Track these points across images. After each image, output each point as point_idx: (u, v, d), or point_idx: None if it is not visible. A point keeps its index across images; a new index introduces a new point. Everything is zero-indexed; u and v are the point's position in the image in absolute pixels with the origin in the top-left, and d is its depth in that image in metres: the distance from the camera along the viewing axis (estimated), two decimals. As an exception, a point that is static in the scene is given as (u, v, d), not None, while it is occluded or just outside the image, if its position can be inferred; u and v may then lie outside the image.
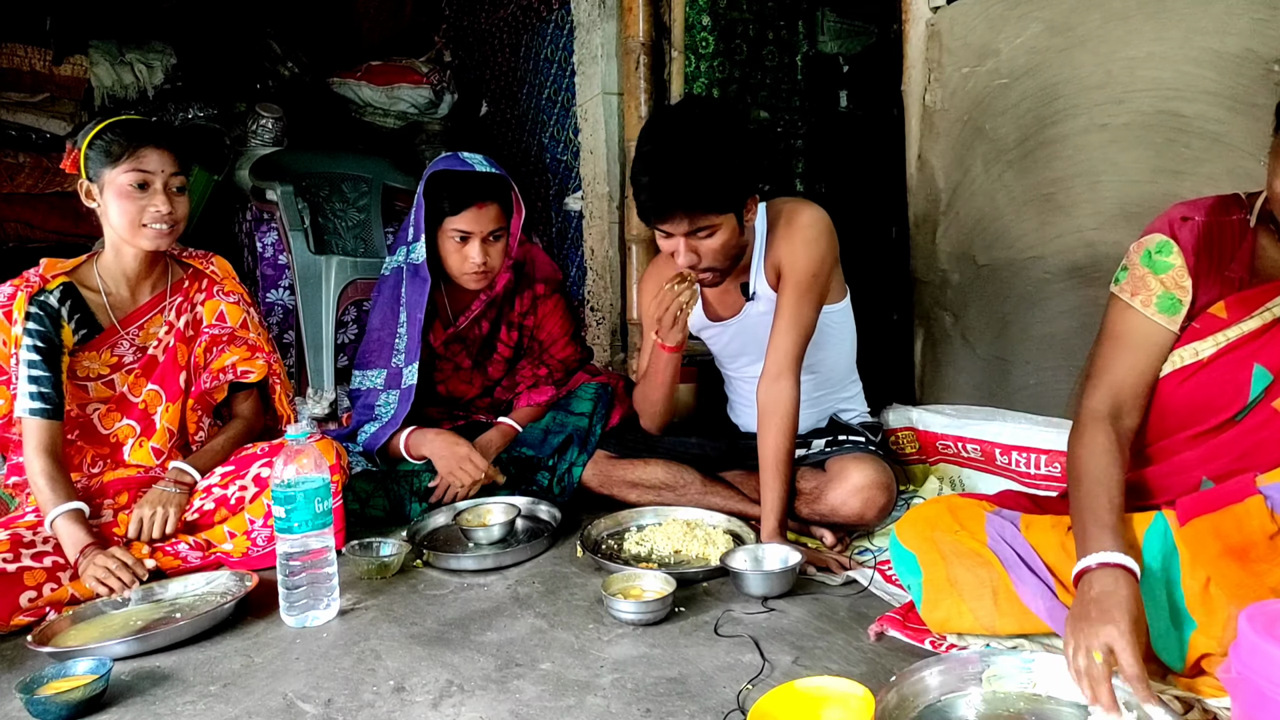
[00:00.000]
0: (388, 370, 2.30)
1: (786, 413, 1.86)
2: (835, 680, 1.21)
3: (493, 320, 2.36)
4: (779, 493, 1.84)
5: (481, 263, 2.15)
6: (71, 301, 1.85)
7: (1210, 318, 1.31)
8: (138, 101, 4.00)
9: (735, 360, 2.19)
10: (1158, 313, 1.35)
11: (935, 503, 1.56)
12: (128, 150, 1.80)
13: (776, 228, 1.97)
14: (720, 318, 2.12)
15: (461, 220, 2.13)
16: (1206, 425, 1.31)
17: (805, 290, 1.90)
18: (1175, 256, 1.34)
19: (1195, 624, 1.17)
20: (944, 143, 2.45)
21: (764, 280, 2.00)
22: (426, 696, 1.33)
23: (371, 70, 4.42)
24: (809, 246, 1.91)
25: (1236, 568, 1.15)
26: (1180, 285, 1.34)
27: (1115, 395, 1.37)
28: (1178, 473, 1.35)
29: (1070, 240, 2.15)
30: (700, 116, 1.79)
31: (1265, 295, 1.27)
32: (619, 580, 1.65)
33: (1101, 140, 2.06)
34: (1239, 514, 1.19)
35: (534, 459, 2.26)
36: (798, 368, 1.90)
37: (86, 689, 1.31)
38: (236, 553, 1.87)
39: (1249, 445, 1.28)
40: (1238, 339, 1.28)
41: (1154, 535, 1.24)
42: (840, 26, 3.68)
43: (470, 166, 2.17)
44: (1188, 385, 1.33)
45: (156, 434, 1.97)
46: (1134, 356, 1.37)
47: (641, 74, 2.98)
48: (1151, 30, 1.95)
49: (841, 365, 2.18)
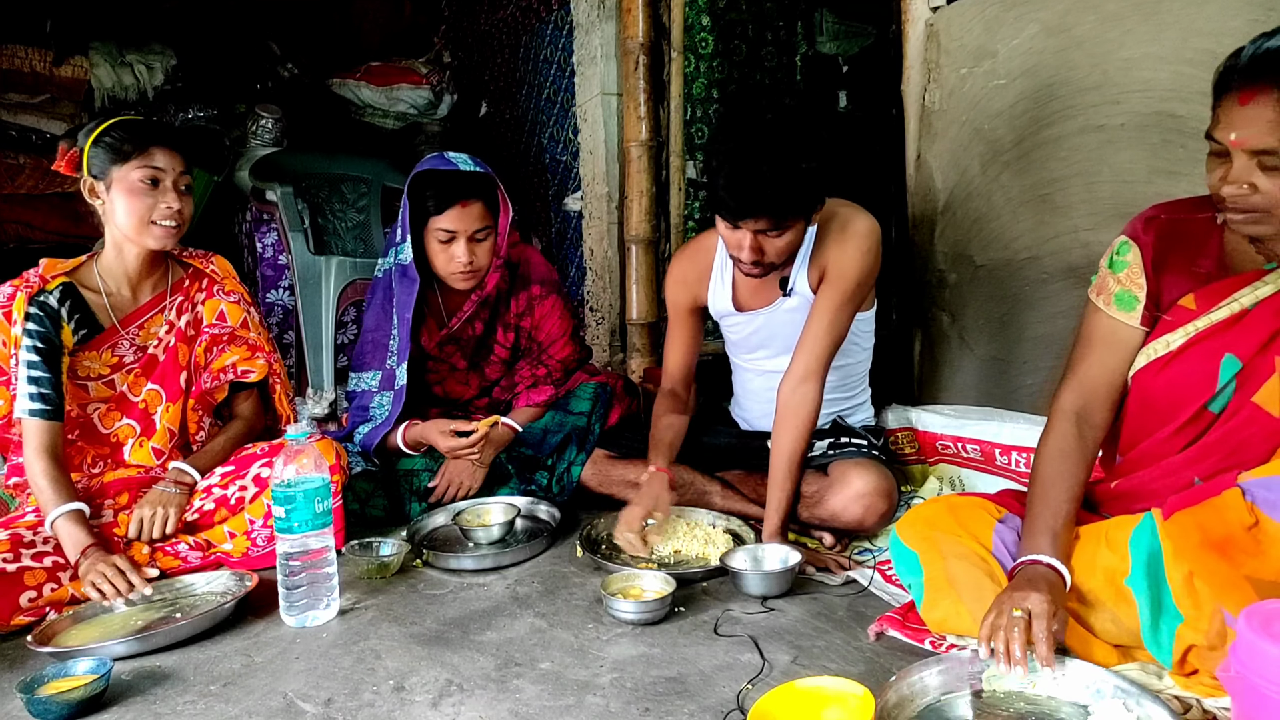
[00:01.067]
0: (382, 371, 2.30)
1: (808, 416, 1.85)
2: (834, 680, 1.21)
3: (487, 321, 2.36)
4: (787, 494, 1.84)
5: (467, 262, 2.14)
6: (71, 302, 1.86)
7: (1181, 310, 1.35)
8: (137, 102, 4.01)
9: (754, 352, 2.16)
10: (1117, 310, 1.42)
11: (936, 502, 1.56)
12: (139, 149, 1.81)
13: (829, 229, 1.92)
14: (748, 307, 2.07)
15: (446, 219, 2.12)
16: (1184, 416, 1.35)
17: (849, 298, 1.88)
18: (1132, 255, 1.41)
19: (1181, 617, 1.19)
20: (942, 143, 2.45)
21: (805, 279, 1.97)
22: (426, 696, 1.34)
23: (371, 71, 4.42)
24: (863, 256, 1.88)
25: (1216, 559, 1.18)
26: (1136, 282, 1.40)
27: (1083, 392, 1.43)
28: (1169, 475, 1.38)
29: (1067, 240, 2.15)
30: (792, 113, 1.72)
31: (1232, 286, 1.31)
32: (618, 580, 1.65)
33: (1098, 141, 2.06)
34: (1218, 507, 1.22)
35: (533, 458, 2.26)
36: (825, 372, 1.88)
37: (87, 689, 1.31)
38: (236, 553, 1.87)
39: (1235, 443, 1.31)
40: (1207, 329, 1.32)
41: (1142, 532, 1.27)
42: (839, 27, 3.68)
43: (454, 166, 2.16)
44: (1162, 376, 1.37)
45: (157, 434, 1.97)
46: (1100, 354, 1.43)
47: (641, 74, 2.98)
48: (1147, 32, 1.96)
49: (857, 372, 2.18)
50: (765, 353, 2.13)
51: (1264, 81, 1.15)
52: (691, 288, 2.12)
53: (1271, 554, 1.16)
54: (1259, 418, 1.28)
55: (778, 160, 1.64)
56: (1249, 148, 1.17)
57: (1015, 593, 1.24)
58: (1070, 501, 1.36)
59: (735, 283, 2.08)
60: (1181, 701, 1.20)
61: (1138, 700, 1.15)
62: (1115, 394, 1.43)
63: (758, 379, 2.18)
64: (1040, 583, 1.25)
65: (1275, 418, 1.27)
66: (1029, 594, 1.22)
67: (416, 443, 2.23)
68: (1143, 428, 1.42)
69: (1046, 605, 1.21)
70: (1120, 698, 1.17)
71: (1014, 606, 1.22)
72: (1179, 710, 1.17)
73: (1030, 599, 1.22)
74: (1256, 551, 1.17)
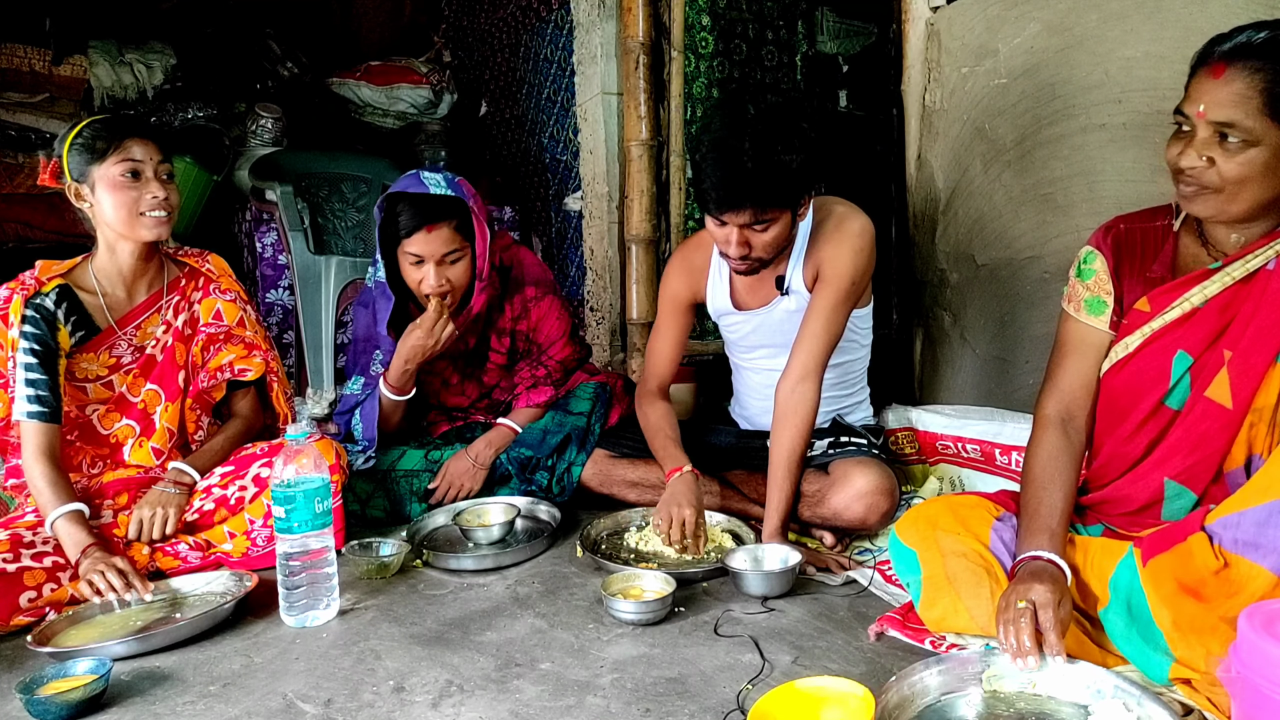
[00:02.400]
0: (365, 378, 2.31)
1: (806, 416, 1.85)
2: (835, 680, 1.21)
3: (479, 334, 2.33)
4: (786, 494, 1.84)
5: (437, 284, 2.08)
6: (67, 304, 1.85)
7: (1136, 313, 1.41)
8: (137, 102, 4.01)
9: (752, 351, 2.16)
10: (1087, 315, 1.47)
11: (936, 502, 1.57)
12: (113, 144, 1.80)
13: (823, 228, 1.93)
14: (746, 306, 2.08)
15: (413, 243, 2.07)
16: (1141, 412, 1.40)
17: (844, 297, 1.89)
18: (1098, 263, 1.47)
19: (1175, 658, 1.21)
20: (943, 143, 2.45)
21: (800, 278, 1.97)
22: (426, 696, 1.33)
23: (371, 70, 4.42)
24: (857, 255, 1.89)
25: (1192, 603, 1.21)
26: (1104, 289, 1.46)
27: (1063, 398, 1.48)
28: (1140, 479, 1.42)
29: (1069, 240, 2.15)
30: (774, 106, 1.75)
31: (1183, 287, 1.36)
32: (619, 580, 1.65)
33: (1099, 140, 2.06)
34: (1184, 553, 1.25)
35: (533, 459, 2.26)
36: (822, 372, 1.89)
37: (86, 689, 1.31)
38: (236, 553, 1.87)
39: (1195, 438, 1.36)
40: (1160, 329, 1.38)
41: (1124, 571, 1.31)
42: (839, 26, 3.68)
43: (425, 188, 2.08)
44: (1121, 375, 1.43)
45: (156, 434, 1.96)
46: (1076, 360, 1.49)
47: (641, 74, 2.98)
48: (1149, 30, 1.96)
49: (857, 370, 2.18)
50: (765, 352, 2.12)
51: (1239, 59, 1.21)
52: (691, 283, 2.12)
53: (1244, 593, 1.18)
54: (1213, 411, 1.33)
55: (757, 151, 1.67)
56: (1213, 119, 1.23)
57: (1019, 585, 1.26)
58: (1065, 501, 1.39)
59: (733, 282, 2.08)
60: (1183, 704, 1.19)
61: (1138, 700, 1.15)
62: (1093, 397, 1.48)
63: (757, 377, 2.18)
64: (1043, 575, 1.27)
65: (1228, 409, 1.32)
66: (1032, 586, 1.24)
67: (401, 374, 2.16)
68: (1107, 427, 1.47)
69: (1051, 595, 1.22)
70: (1120, 698, 1.16)
71: (1019, 599, 1.23)
72: (1179, 711, 1.16)
73: (1034, 590, 1.23)
74: (1229, 592, 1.20)
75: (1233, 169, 1.23)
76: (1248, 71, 1.20)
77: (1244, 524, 1.20)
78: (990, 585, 1.38)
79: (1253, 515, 1.19)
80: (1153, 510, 1.42)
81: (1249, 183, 1.24)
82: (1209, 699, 1.17)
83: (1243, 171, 1.23)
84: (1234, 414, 1.31)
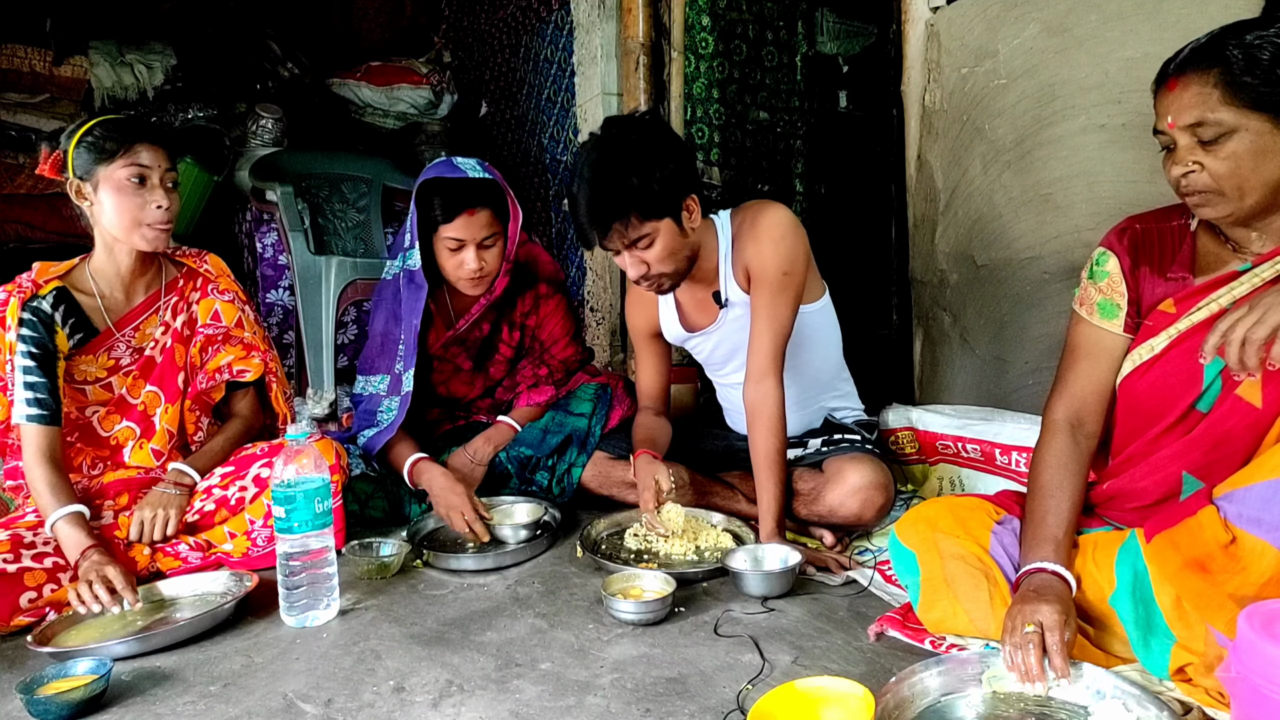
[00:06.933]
0: (390, 376, 2.30)
1: (773, 413, 1.86)
2: (835, 680, 1.21)
3: (494, 321, 2.35)
4: (774, 493, 1.84)
5: (476, 269, 2.13)
6: (65, 306, 1.84)
7: (1161, 314, 1.38)
8: (137, 102, 4.01)
9: (723, 367, 2.18)
10: (1100, 319, 1.45)
11: (935, 503, 1.56)
12: (122, 146, 1.79)
13: (742, 230, 1.97)
14: (699, 327, 2.11)
15: (453, 228, 2.10)
16: (1170, 417, 1.37)
17: (779, 289, 1.90)
18: (1112, 264, 1.45)
19: (1175, 638, 1.20)
20: (943, 143, 2.45)
21: (735, 286, 2.00)
22: (426, 696, 1.33)
23: (371, 71, 4.42)
24: (776, 245, 1.90)
25: (1198, 579, 1.20)
26: (1117, 290, 1.44)
27: (1074, 402, 1.46)
28: (1157, 470, 1.39)
29: (1068, 240, 2.15)
30: (613, 134, 1.82)
31: (1210, 288, 1.34)
32: (619, 580, 1.65)
33: (1099, 140, 2.06)
34: (1194, 526, 1.24)
35: (533, 458, 2.26)
36: (779, 367, 1.90)
37: (86, 689, 1.31)
38: (236, 553, 1.87)
39: (1219, 435, 1.33)
40: (1188, 329, 1.35)
41: (1126, 553, 1.30)
42: (839, 27, 3.68)
43: (462, 173, 2.13)
44: (1147, 379, 1.39)
45: (156, 435, 1.96)
46: (1088, 364, 1.46)
47: (641, 75, 2.98)
48: (1149, 31, 1.96)
49: (829, 364, 2.18)
50: (733, 365, 2.14)
51: (1189, 67, 1.24)
52: (646, 314, 2.18)
53: (1251, 570, 1.17)
54: (1240, 409, 1.30)
55: (597, 175, 1.76)
56: (1183, 124, 1.24)
57: (1025, 605, 1.25)
58: (1071, 509, 1.37)
59: (679, 307, 2.12)
60: (1182, 704, 1.19)
61: (1138, 701, 1.15)
62: (1105, 401, 1.46)
63: (733, 392, 2.19)
64: (1048, 593, 1.25)
65: (1256, 408, 1.29)
66: (1039, 606, 1.23)
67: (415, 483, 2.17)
68: (1132, 431, 1.44)
69: (1058, 616, 1.21)
70: (1120, 698, 1.16)
71: (1026, 622, 1.22)
72: (1179, 712, 1.16)
73: (1040, 611, 1.22)
74: (1236, 569, 1.19)
75: (1221, 165, 1.23)
76: (1199, 73, 1.23)
77: (1250, 499, 1.18)
78: (989, 589, 1.37)
79: (1259, 491, 1.17)
80: (1166, 506, 1.39)
81: (1243, 174, 1.23)
82: (1205, 690, 1.17)
83: (1231, 164, 1.23)
84: (1263, 414, 1.28)
